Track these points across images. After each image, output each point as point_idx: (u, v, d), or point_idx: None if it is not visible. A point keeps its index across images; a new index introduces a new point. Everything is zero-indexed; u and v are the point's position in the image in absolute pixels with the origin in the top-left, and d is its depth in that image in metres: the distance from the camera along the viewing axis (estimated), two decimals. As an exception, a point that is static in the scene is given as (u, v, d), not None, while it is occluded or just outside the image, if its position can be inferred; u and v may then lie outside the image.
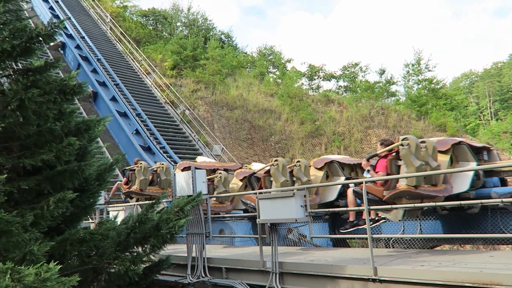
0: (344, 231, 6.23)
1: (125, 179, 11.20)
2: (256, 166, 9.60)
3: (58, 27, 4.68)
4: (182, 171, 10.69)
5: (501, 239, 6.08)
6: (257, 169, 9.01)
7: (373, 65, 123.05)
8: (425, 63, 32.05)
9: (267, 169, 7.75)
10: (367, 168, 6.13)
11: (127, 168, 11.56)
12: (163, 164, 11.29)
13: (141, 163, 10.82)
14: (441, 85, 32.28)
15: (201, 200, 6.68)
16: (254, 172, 8.86)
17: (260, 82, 30.10)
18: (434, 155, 5.70)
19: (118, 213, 8.58)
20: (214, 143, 21.20)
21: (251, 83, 28.84)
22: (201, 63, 28.44)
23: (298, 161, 7.62)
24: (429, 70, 31.87)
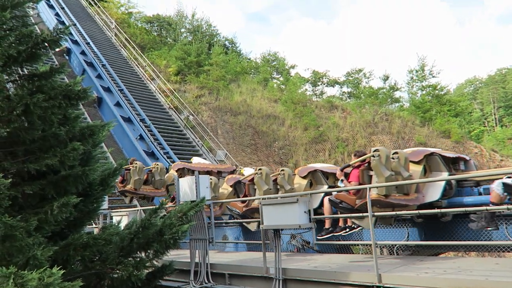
0: (320, 237, 6.54)
1: (120, 177, 11.35)
2: (248, 171, 9.69)
3: (64, 33, 4.74)
4: (176, 171, 10.90)
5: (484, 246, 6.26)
6: (248, 174, 9.15)
7: (376, 71, 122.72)
8: (429, 69, 32.11)
9: (252, 177, 8.04)
10: (341, 178, 6.46)
11: (123, 167, 11.74)
12: (157, 164, 11.54)
13: (136, 163, 11.07)
14: (445, 91, 32.29)
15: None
16: (240, 180, 9.06)
17: (263, 88, 30.16)
18: (406, 166, 5.94)
19: (122, 218, 8.60)
20: (218, 149, 21.20)
21: (255, 89, 28.91)
22: (205, 69, 28.56)
23: (282, 170, 7.95)
24: (433, 76, 31.92)
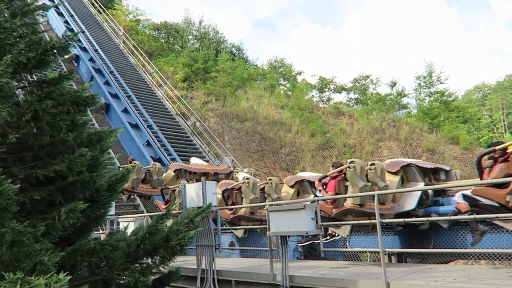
0: (300, 245, 6.83)
1: None
2: (242, 176, 9.74)
3: (72, 40, 4.78)
4: (174, 172, 11.04)
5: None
6: (239, 181, 9.28)
7: (384, 78, 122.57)
8: (437, 75, 31.95)
9: (239, 186, 8.30)
10: (319, 188, 6.76)
11: (121, 166, 11.96)
12: (155, 164, 12.03)
13: (134, 163, 11.56)
14: (453, 97, 32.05)
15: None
16: (228, 188, 9.17)
17: (270, 94, 30.20)
18: (382, 176, 6.15)
19: (128, 224, 8.64)
20: (225, 155, 21.22)
21: (262, 95, 28.95)
22: (212, 75, 28.70)
23: (270, 179, 8.25)
24: (441, 83, 31.75)
